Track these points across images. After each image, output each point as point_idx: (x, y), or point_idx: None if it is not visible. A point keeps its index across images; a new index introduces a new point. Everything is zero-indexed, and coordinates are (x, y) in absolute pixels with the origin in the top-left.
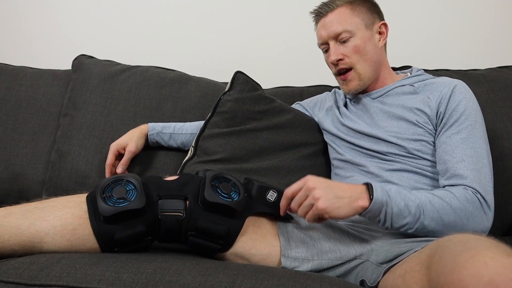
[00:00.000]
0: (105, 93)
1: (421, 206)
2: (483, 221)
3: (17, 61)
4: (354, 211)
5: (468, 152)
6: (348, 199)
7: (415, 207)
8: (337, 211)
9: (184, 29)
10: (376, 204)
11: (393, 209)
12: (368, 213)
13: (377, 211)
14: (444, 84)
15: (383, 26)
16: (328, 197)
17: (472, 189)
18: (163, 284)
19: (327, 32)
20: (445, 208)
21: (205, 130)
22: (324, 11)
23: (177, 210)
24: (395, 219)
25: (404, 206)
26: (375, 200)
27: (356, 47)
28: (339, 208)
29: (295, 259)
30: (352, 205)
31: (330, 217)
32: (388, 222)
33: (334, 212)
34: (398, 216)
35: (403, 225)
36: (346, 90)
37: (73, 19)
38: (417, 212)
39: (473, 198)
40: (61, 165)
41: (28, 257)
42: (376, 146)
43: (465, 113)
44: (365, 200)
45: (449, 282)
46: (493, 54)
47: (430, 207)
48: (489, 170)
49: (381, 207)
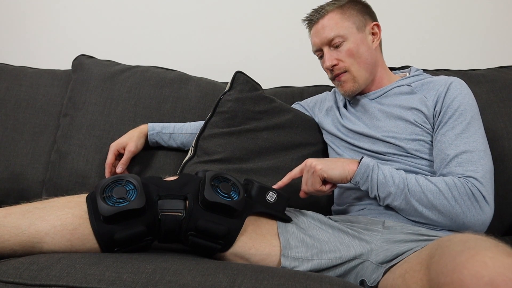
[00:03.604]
0: (105, 93)
1: (406, 180)
2: (478, 212)
3: (17, 61)
4: (346, 172)
5: (462, 147)
6: (341, 163)
7: (400, 178)
8: (331, 171)
9: (184, 29)
10: (363, 167)
11: (379, 176)
12: (357, 176)
13: (365, 175)
14: (440, 82)
15: (375, 26)
16: (323, 162)
17: (465, 178)
18: (163, 284)
19: (319, 39)
20: (430, 187)
21: (205, 130)
22: (315, 18)
23: (177, 210)
24: (380, 187)
25: (389, 175)
26: (363, 163)
27: (350, 50)
28: (334, 168)
29: (295, 259)
30: (344, 167)
31: (327, 177)
32: (374, 189)
33: (329, 171)
34: (383, 184)
35: (387, 194)
36: (342, 91)
37: (73, 19)
38: (401, 184)
39: (462, 185)
40: (61, 165)
41: (28, 257)
42: (375, 146)
43: (459, 109)
44: (355, 165)
45: (449, 282)
46: (493, 54)
47: (414, 182)
48: (486, 163)
49: (368, 171)
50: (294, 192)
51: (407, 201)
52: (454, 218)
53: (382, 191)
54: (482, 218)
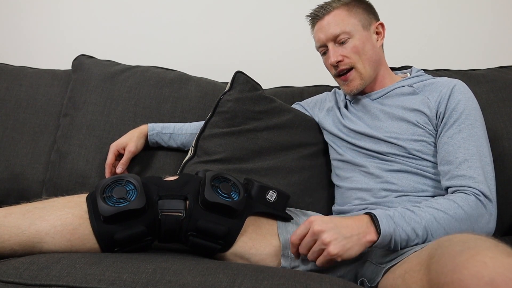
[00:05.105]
0: (105, 93)
1: (428, 227)
2: (488, 224)
3: (17, 61)
4: (364, 247)
5: (471, 151)
6: (356, 236)
7: (422, 229)
8: (348, 253)
9: (184, 29)
10: (384, 237)
11: (401, 236)
12: (377, 246)
13: (386, 241)
14: (443, 84)
15: (380, 26)
16: (338, 239)
17: (476, 191)
18: (163, 284)
19: (325, 34)
20: (451, 223)
21: (205, 130)
22: (321, 14)
23: (177, 210)
24: (403, 244)
25: (411, 230)
26: (383, 233)
27: (355, 47)
28: (350, 249)
29: (295, 259)
30: (361, 242)
31: (342, 259)
32: (398, 247)
33: (346, 254)
34: (406, 241)
35: (412, 246)
36: (348, 90)
37: (73, 19)
38: (424, 234)
39: (476, 204)
40: (61, 165)
41: (28, 257)
42: (377, 146)
43: (464, 113)
44: (372, 234)
45: (449, 282)
46: (493, 54)
47: (436, 225)
48: (491, 169)
49: (389, 237)
50: (294, 192)
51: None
52: None
53: (404, 246)
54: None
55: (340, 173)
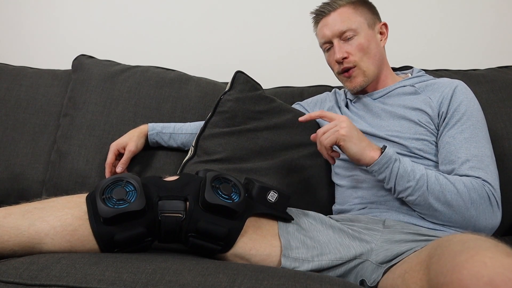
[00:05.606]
0: (105, 93)
1: (427, 176)
2: (491, 216)
3: (17, 61)
4: (363, 156)
5: (473, 151)
6: (365, 144)
7: (421, 175)
8: (350, 144)
9: (184, 29)
10: (384, 158)
11: (399, 169)
12: (375, 165)
13: (384, 165)
14: (445, 84)
15: (383, 26)
16: (351, 130)
17: (482, 180)
18: (163, 284)
19: (331, 31)
20: (449, 187)
21: (205, 130)
22: (327, 10)
23: (177, 211)
24: (399, 180)
25: (410, 170)
26: (385, 154)
27: (361, 45)
28: (354, 144)
29: (295, 260)
30: (364, 150)
31: (343, 146)
32: (392, 181)
33: (348, 143)
34: (402, 177)
35: (405, 189)
36: (351, 87)
37: (73, 19)
38: (421, 180)
39: (480, 188)
40: (61, 165)
41: (28, 257)
42: (378, 145)
43: (466, 113)
44: (377, 153)
45: (448, 282)
46: (493, 54)
47: (435, 180)
48: (494, 169)
49: (389, 162)
50: (295, 192)
51: (424, 198)
52: (467, 219)
53: (399, 185)
54: (493, 222)
55: (340, 172)
